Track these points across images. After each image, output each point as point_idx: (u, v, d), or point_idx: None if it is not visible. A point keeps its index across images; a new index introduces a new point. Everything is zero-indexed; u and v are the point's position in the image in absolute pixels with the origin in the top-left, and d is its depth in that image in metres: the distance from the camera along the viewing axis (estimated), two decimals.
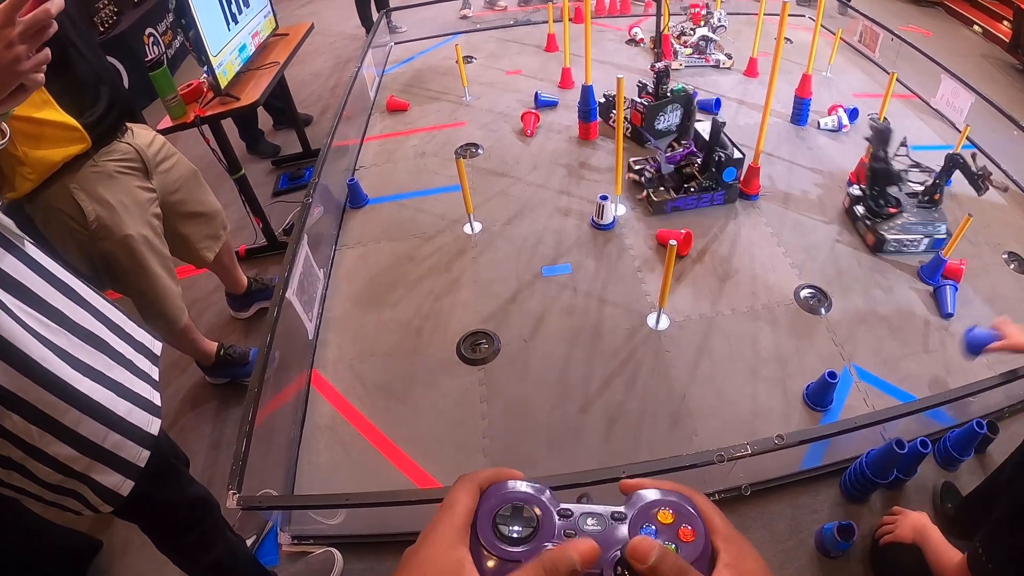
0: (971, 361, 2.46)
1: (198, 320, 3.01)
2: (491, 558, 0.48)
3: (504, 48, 5.97)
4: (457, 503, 0.51)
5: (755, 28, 4.95)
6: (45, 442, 1.21)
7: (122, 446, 1.36)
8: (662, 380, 2.77)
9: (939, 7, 7.19)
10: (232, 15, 3.25)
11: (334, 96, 5.66)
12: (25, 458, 1.20)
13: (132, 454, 1.39)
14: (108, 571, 2.36)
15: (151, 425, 1.46)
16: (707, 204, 3.75)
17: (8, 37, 0.97)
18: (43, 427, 1.20)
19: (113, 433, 1.33)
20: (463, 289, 3.28)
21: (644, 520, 0.50)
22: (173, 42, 6.38)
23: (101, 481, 1.33)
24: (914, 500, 2.35)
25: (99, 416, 1.30)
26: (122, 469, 1.37)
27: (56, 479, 1.26)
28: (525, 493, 0.52)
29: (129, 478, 1.39)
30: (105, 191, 2.20)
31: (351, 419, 2.73)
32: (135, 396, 1.43)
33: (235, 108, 3.17)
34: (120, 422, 1.35)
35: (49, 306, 1.26)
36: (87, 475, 1.30)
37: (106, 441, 1.32)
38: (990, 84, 5.16)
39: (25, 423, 1.17)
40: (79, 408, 1.26)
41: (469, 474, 0.54)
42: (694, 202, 3.73)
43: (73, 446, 1.25)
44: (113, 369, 1.38)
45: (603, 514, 0.51)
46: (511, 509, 0.50)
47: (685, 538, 0.49)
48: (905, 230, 3.30)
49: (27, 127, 1.93)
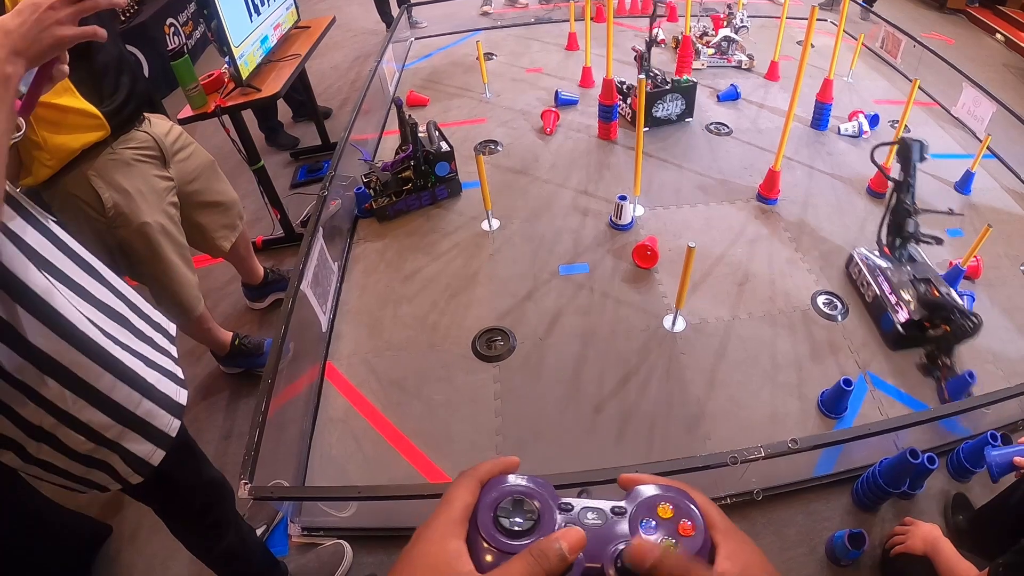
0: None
1: (214, 310, 3.03)
2: (489, 551, 0.48)
3: (525, 46, 5.96)
4: (456, 499, 0.51)
5: (776, 31, 4.92)
6: (78, 407, 1.21)
7: (154, 414, 1.36)
8: (677, 382, 2.76)
9: (962, 15, 7.15)
10: (255, 6, 3.26)
11: (353, 90, 5.68)
12: (57, 426, 1.20)
13: (164, 423, 1.39)
14: (118, 556, 2.37)
15: (179, 395, 1.46)
16: (428, 203, 3.88)
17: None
18: (77, 392, 1.20)
19: (146, 400, 1.34)
20: (480, 286, 3.29)
21: (644, 514, 0.50)
22: (194, 32, 6.42)
23: (132, 450, 1.33)
24: (926, 511, 2.34)
25: (132, 382, 1.30)
26: (154, 438, 1.37)
27: (87, 448, 1.26)
28: (526, 487, 0.52)
29: (161, 447, 1.39)
30: (123, 179, 2.21)
31: (364, 412, 2.74)
32: (161, 368, 1.44)
33: (256, 99, 3.18)
34: (151, 389, 1.36)
35: (72, 281, 1.26)
36: (119, 443, 1.30)
37: (139, 408, 1.32)
38: (1012, 94, 5.12)
39: (61, 389, 1.17)
40: (113, 373, 1.25)
41: (469, 470, 0.55)
42: (416, 201, 3.85)
43: (106, 412, 1.26)
44: (136, 343, 1.39)
45: (603, 508, 0.51)
46: (512, 502, 0.51)
47: (685, 532, 0.49)
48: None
49: (48, 113, 1.94)
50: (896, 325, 2.84)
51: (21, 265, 1.09)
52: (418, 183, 3.80)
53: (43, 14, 0.99)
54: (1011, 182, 4.05)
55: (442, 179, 3.82)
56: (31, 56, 1.00)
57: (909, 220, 2.98)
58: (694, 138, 4.41)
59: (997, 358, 2.87)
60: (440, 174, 3.78)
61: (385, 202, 3.76)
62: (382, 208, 3.76)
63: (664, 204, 3.78)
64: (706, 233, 3.54)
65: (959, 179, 3.91)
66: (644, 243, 3.31)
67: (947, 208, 3.21)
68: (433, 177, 3.80)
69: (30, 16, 0.98)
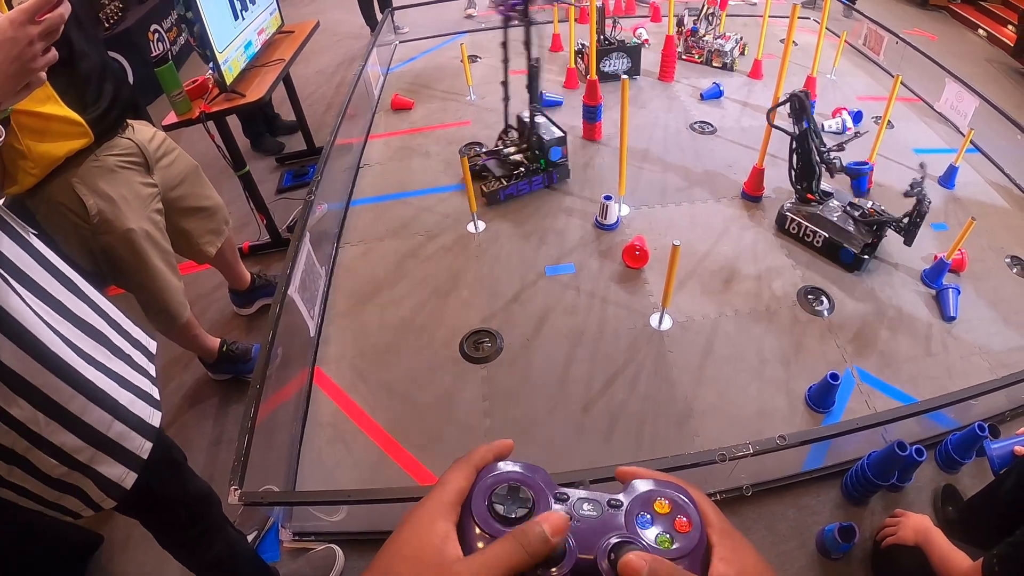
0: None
1: (201, 316, 3.01)
2: (481, 537, 0.47)
3: (510, 47, 5.94)
4: (449, 482, 0.51)
5: (759, 30, 4.94)
6: (51, 430, 1.20)
7: (126, 436, 1.35)
8: (664, 380, 2.77)
9: (944, 11, 7.20)
10: (238, 12, 3.25)
11: (338, 94, 5.65)
12: (29, 449, 1.19)
13: (135, 445, 1.38)
14: (108, 566, 2.36)
15: (152, 417, 1.45)
16: (539, 187, 3.92)
17: (31, 35, 0.98)
18: (49, 414, 1.19)
19: (117, 422, 1.32)
20: (466, 288, 3.29)
21: (640, 509, 0.50)
22: (178, 38, 6.39)
23: (104, 473, 1.32)
24: (915, 503, 2.35)
25: (104, 404, 1.29)
26: (125, 460, 1.36)
27: (60, 472, 1.25)
28: (522, 474, 0.52)
29: (132, 470, 1.37)
30: (106, 185, 2.20)
31: (353, 416, 2.73)
32: (135, 388, 1.42)
33: (241, 104, 3.17)
34: (124, 411, 1.34)
35: (51, 296, 1.25)
36: (90, 466, 1.29)
37: (111, 430, 1.31)
38: (995, 88, 5.17)
39: (32, 410, 1.16)
40: (85, 395, 1.24)
41: (465, 456, 0.54)
42: (526, 187, 3.91)
43: (78, 435, 1.24)
44: (113, 361, 1.37)
45: (599, 500, 0.50)
46: (507, 488, 0.50)
47: (681, 529, 0.48)
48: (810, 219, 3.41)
49: (32, 121, 1.93)
50: (856, 254, 3.21)
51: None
52: (530, 167, 3.89)
53: (23, 50, 0.98)
54: (995, 175, 4.08)
55: (553, 164, 3.92)
56: (9, 92, 1.01)
57: (817, 161, 3.35)
58: (678, 137, 4.43)
59: (983, 350, 2.89)
60: (553, 159, 3.89)
61: (496, 186, 3.83)
62: (493, 192, 3.83)
63: (649, 203, 3.80)
64: (691, 231, 3.56)
65: (943, 173, 3.94)
66: (633, 243, 3.32)
67: (854, 132, 3.59)
68: (543, 162, 3.91)
69: (11, 51, 0.97)
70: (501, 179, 3.88)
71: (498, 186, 3.84)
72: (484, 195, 3.85)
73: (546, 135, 3.85)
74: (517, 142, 4.05)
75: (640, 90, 5.02)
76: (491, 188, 3.84)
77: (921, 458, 2.15)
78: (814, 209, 3.40)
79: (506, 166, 3.93)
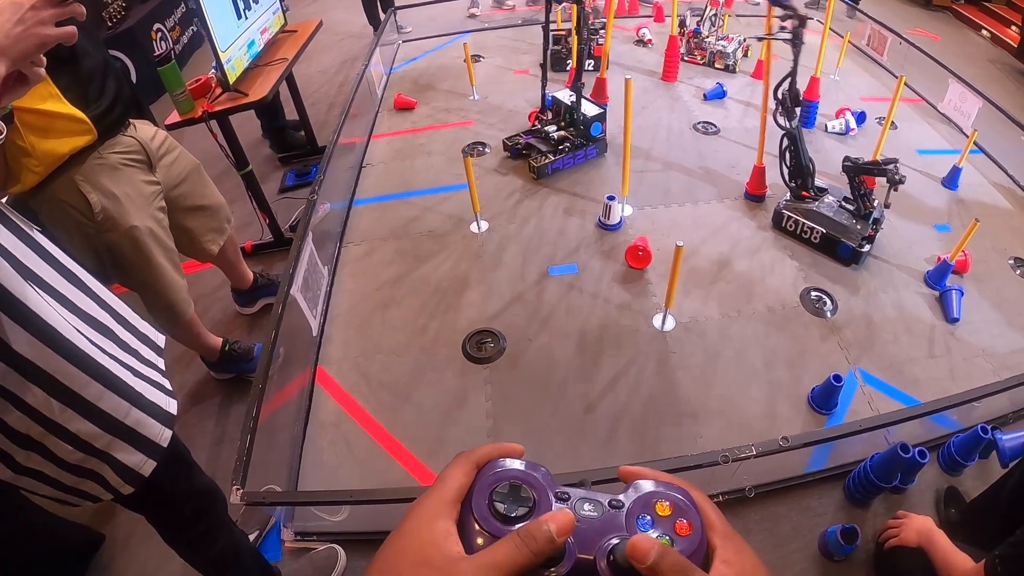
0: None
1: (203, 316, 3.01)
2: (481, 535, 0.47)
3: (512, 47, 5.96)
4: (449, 478, 0.51)
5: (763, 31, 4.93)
6: (66, 417, 1.20)
7: (144, 424, 1.35)
8: (667, 381, 2.76)
9: (948, 11, 7.19)
10: (241, 11, 3.25)
11: (341, 93, 5.66)
12: (45, 435, 1.19)
13: (154, 433, 1.38)
14: (110, 565, 2.36)
15: (169, 405, 1.45)
16: (582, 160, 4.18)
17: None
18: (64, 401, 1.19)
19: (135, 410, 1.32)
20: (469, 288, 3.28)
21: (641, 510, 0.50)
22: (181, 37, 6.40)
23: (123, 460, 1.32)
24: (917, 505, 2.35)
25: (120, 391, 1.29)
26: (144, 448, 1.36)
27: (77, 458, 1.25)
28: (523, 472, 0.52)
29: (151, 458, 1.38)
30: (110, 183, 2.21)
31: (356, 416, 2.73)
32: (147, 379, 1.42)
33: (243, 104, 3.17)
34: (140, 398, 1.35)
35: (57, 292, 1.25)
36: (108, 453, 1.29)
37: (128, 418, 1.31)
38: (998, 89, 5.15)
39: (46, 397, 1.16)
40: (100, 382, 1.24)
41: (466, 452, 0.54)
42: (571, 160, 4.13)
43: (95, 422, 1.24)
44: (121, 354, 1.38)
45: (601, 501, 0.50)
46: (508, 487, 0.50)
47: (681, 532, 0.48)
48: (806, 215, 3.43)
49: (36, 119, 1.94)
50: (854, 248, 3.24)
51: (5, 274, 1.08)
52: (576, 142, 4.11)
53: (25, 14, 0.99)
54: (998, 177, 4.07)
55: (593, 138, 4.15)
56: (14, 56, 1.00)
57: (807, 159, 3.38)
58: (681, 137, 4.42)
59: (986, 352, 2.88)
60: (594, 134, 4.13)
61: (544, 160, 4.04)
62: (542, 166, 4.03)
63: (652, 204, 3.79)
64: (694, 232, 3.55)
65: (946, 175, 3.93)
66: (636, 244, 3.31)
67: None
68: (580, 139, 4.15)
69: (12, 16, 0.98)
70: (547, 154, 4.03)
71: (545, 161, 4.01)
72: (533, 170, 4.04)
73: (586, 112, 4.08)
74: (554, 121, 4.26)
75: (643, 90, 5.00)
76: (539, 163, 4.02)
77: (924, 460, 2.14)
78: (810, 205, 3.40)
79: (548, 142, 4.11)
